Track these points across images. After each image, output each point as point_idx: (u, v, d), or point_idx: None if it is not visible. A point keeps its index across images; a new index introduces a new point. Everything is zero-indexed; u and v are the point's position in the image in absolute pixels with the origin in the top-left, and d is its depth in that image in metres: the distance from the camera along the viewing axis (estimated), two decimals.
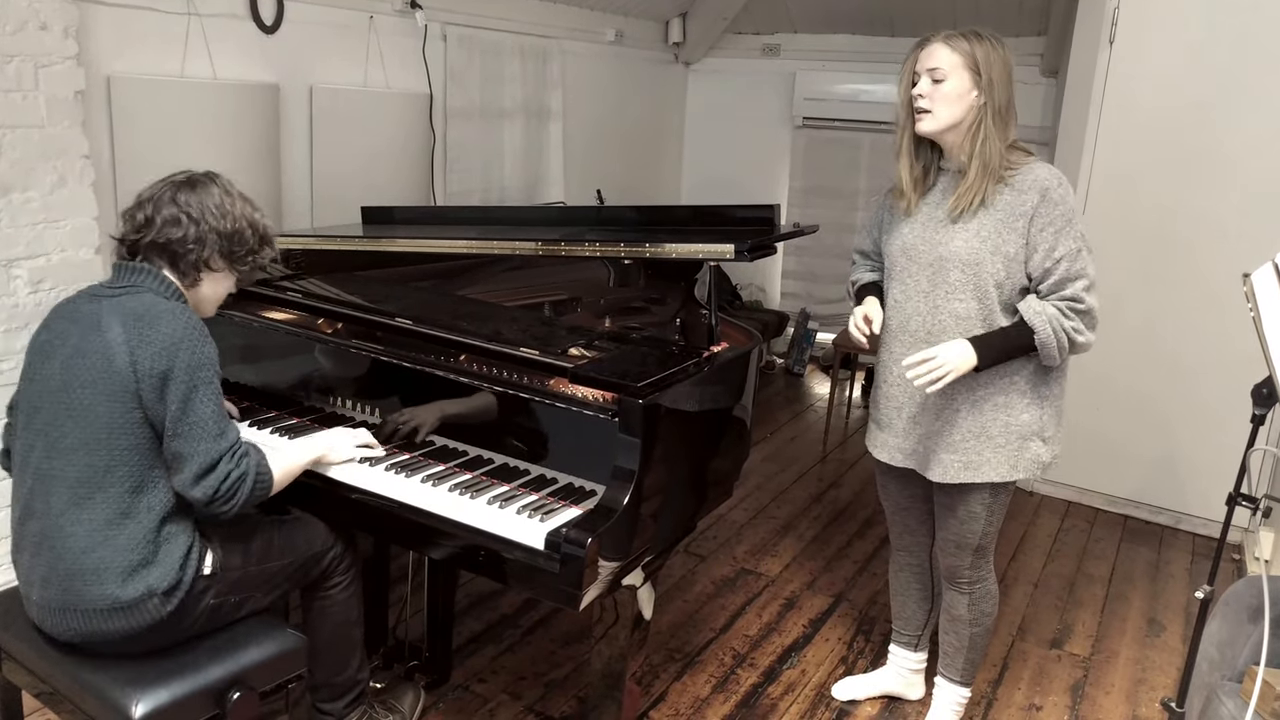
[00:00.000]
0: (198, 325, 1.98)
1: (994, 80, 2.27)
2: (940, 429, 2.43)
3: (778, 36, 6.36)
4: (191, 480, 1.93)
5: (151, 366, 1.90)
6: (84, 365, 1.92)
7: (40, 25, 2.77)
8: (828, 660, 3.18)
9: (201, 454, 1.93)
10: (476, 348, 2.39)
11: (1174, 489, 4.28)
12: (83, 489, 1.92)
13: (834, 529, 4.15)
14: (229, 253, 2.08)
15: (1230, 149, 3.89)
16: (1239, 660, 2.26)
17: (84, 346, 1.93)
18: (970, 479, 2.43)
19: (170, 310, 1.96)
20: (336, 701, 2.38)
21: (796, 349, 6.46)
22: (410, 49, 4.22)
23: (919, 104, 2.31)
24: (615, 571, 2.08)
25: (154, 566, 1.95)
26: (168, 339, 1.91)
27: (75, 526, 1.92)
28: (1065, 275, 2.27)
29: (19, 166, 2.78)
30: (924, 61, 2.30)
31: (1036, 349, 2.30)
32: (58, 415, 1.94)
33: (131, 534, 1.93)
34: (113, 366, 1.90)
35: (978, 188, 2.29)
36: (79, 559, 1.92)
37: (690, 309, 2.77)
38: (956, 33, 2.30)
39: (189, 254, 2.02)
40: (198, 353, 1.94)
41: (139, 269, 2.02)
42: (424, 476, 2.24)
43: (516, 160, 4.98)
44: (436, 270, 3.13)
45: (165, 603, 1.96)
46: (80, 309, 2.00)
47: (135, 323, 1.92)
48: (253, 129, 3.46)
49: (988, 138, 2.28)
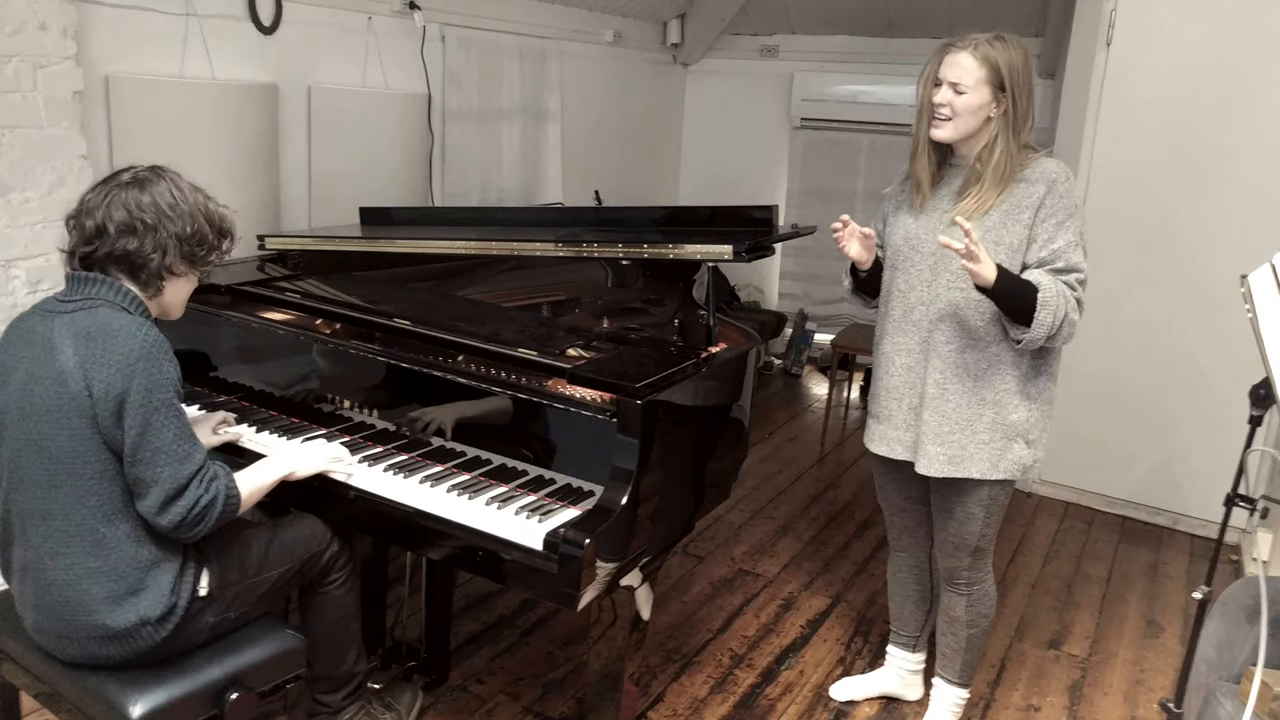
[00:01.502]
0: (156, 343, 1.86)
1: (1016, 90, 2.27)
2: (933, 420, 2.44)
3: (776, 38, 6.36)
4: (157, 507, 1.85)
5: (107, 389, 1.79)
6: (39, 392, 1.83)
7: (39, 25, 2.77)
8: (826, 661, 3.18)
9: (165, 480, 1.83)
10: (475, 348, 2.38)
11: (1172, 490, 4.28)
12: (53, 521, 1.85)
13: (832, 530, 4.15)
14: (190, 255, 1.96)
15: (1228, 150, 3.90)
16: (1237, 661, 2.26)
17: (37, 372, 1.84)
18: (953, 473, 2.44)
19: (126, 327, 1.84)
20: (335, 693, 2.37)
21: (794, 350, 6.46)
22: (409, 50, 4.23)
23: (939, 112, 2.31)
24: (613, 572, 2.08)
25: (143, 594, 1.89)
26: (123, 359, 1.80)
27: (54, 560, 1.86)
28: (1062, 266, 2.28)
29: (17, 167, 2.78)
30: (947, 70, 2.30)
31: (1035, 310, 2.21)
32: (20, 447, 1.86)
33: (113, 564, 1.87)
34: (67, 392, 1.80)
35: (988, 196, 2.30)
36: (63, 591, 1.87)
37: (688, 310, 2.78)
38: (983, 39, 2.28)
39: (149, 263, 1.91)
40: (155, 373, 1.82)
41: (94, 280, 1.90)
42: (422, 477, 2.24)
43: (515, 161, 4.98)
44: (435, 271, 3.13)
45: (159, 629, 1.91)
46: (34, 329, 1.89)
47: (88, 343, 1.82)
48: (251, 129, 3.46)
49: (1005, 150, 2.29)
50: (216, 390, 2.72)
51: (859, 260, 2.49)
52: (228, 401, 2.67)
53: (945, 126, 2.32)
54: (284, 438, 2.46)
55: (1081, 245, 2.30)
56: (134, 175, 1.95)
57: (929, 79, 2.35)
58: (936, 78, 2.32)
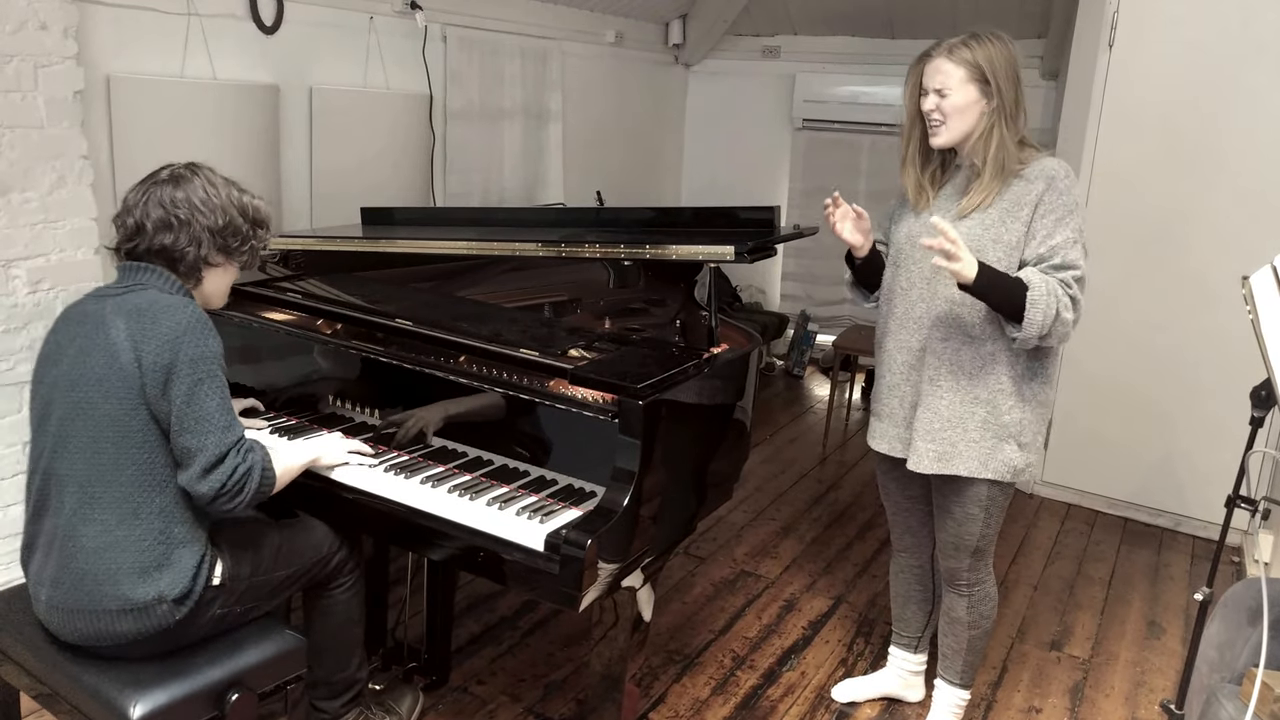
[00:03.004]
0: (201, 319, 1.96)
1: (1001, 82, 2.28)
2: (925, 416, 2.44)
3: (778, 38, 6.36)
4: (199, 474, 1.91)
5: (155, 361, 1.89)
6: (90, 364, 1.92)
7: (40, 25, 2.77)
8: (827, 662, 3.17)
9: (210, 447, 1.91)
10: (476, 349, 2.38)
11: (1174, 491, 4.28)
12: (92, 488, 1.91)
13: (833, 531, 4.15)
14: (224, 246, 2.06)
15: (1230, 151, 3.89)
16: (1238, 662, 2.26)
17: (89, 345, 1.93)
18: (941, 470, 2.44)
19: (173, 305, 1.95)
20: (334, 700, 2.38)
21: (796, 351, 6.46)
22: (410, 50, 4.22)
23: (932, 119, 2.34)
24: (615, 573, 2.08)
25: (166, 570, 1.94)
26: (170, 332, 1.90)
27: (86, 526, 1.92)
28: (1059, 262, 2.28)
29: (18, 167, 2.78)
30: (929, 79, 2.32)
31: (1025, 308, 2.21)
32: (66, 414, 1.93)
33: (142, 534, 1.92)
34: (117, 363, 1.89)
35: (991, 188, 2.32)
36: (90, 560, 1.92)
37: (690, 310, 2.78)
38: (957, 42, 2.30)
39: (186, 256, 2.01)
40: (201, 346, 1.92)
41: (143, 268, 2.01)
42: (424, 478, 2.24)
43: (516, 161, 4.98)
44: (436, 271, 3.13)
45: (175, 610, 1.95)
46: (86, 310, 2.00)
47: (138, 318, 1.92)
48: (252, 129, 3.46)
49: (1002, 141, 2.30)
50: None
51: (854, 245, 2.49)
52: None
53: (941, 132, 2.34)
54: (286, 438, 2.46)
55: (1080, 243, 2.30)
56: (171, 173, 2.04)
57: (914, 91, 2.38)
58: (922, 87, 2.35)
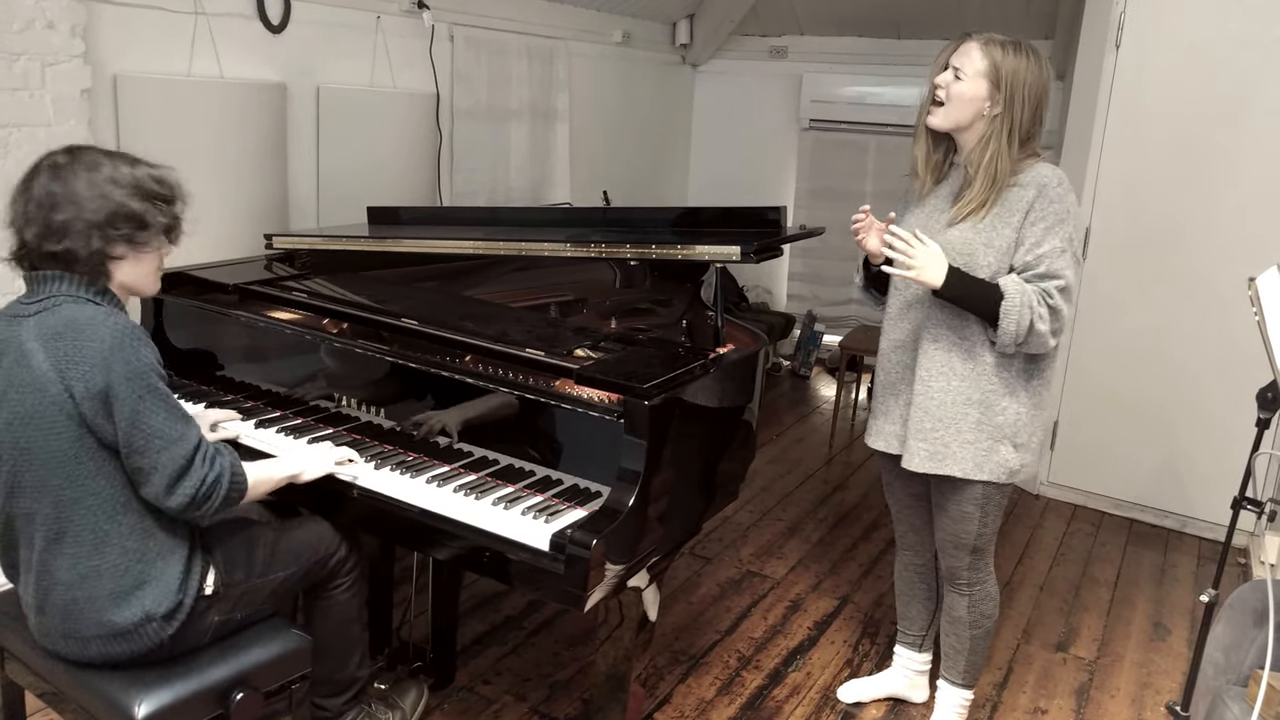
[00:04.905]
0: (124, 330, 1.79)
1: (1015, 97, 2.28)
2: (918, 415, 2.44)
3: (785, 39, 6.36)
4: (164, 491, 1.82)
5: (87, 389, 1.75)
6: (22, 401, 1.79)
7: (47, 24, 2.77)
8: (833, 663, 3.17)
9: (165, 464, 1.80)
10: (482, 348, 2.38)
11: (1180, 493, 4.27)
12: (57, 524, 1.83)
13: (839, 531, 4.15)
14: (123, 236, 1.83)
15: (1236, 153, 3.88)
16: (1244, 664, 2.26)
17: (15, 381, 1.80)
18: (934, 469, 2.44)
19: (93, 320, 1.78)
20: (335, 698, 2.37)
21: (802, 351, 6.45)
22: (417, 49, 4.23)
23: (937, 94, 2.36)
24: (620, 573, 2.08)
25: (148, 587, 1.88)
26: (95, 354, 1.75)
27: (58, 561, 1.85)
28: (1044, 271, 2.28)
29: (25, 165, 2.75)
30: (957, 56, 2.34)
31: (998, 318, 2.25)
32: (14, 457, 1.83)
33: (116, 559, 1.85)
34: (47, 396, 1.76)
35: (981, 198, 2.33)
36: (67, 592, 1.86)
37: (696, 310, 2.78)
38: (998, 37, 2.31)
39: (79, 257, 1.81)
40: (132, 361, 1.77)
41: (49, 277, 1.82)
42: (429, 477, 2.24)
43: (523, 161, 4.98)
44: (442, 271, 3.13)
45: (165, 626, 1.90)
46: (3, 338, 1.83)
47: (56, 342, 1.76)
48: (259, 128, 3.46)
49: (998, 154, 2.30)
50: (223, 389, 2.73)
51: (874, 255, 2.50)
52: (234, 400, 2.67)
53: (938, 112, 2.36)
54: (290, 437, 2.46)
55: (1069, 252, 2.30)
56: (49, 163, 1.85)
57: (942, 63, 2.39)
58: (947, 62, 2.36)
